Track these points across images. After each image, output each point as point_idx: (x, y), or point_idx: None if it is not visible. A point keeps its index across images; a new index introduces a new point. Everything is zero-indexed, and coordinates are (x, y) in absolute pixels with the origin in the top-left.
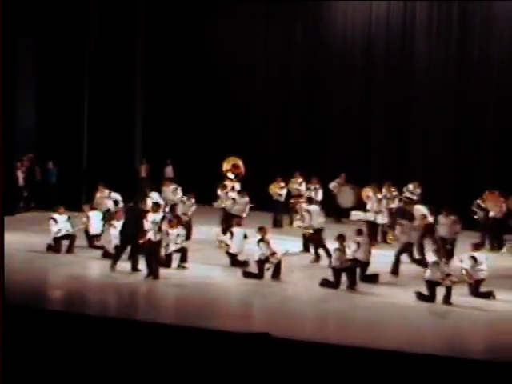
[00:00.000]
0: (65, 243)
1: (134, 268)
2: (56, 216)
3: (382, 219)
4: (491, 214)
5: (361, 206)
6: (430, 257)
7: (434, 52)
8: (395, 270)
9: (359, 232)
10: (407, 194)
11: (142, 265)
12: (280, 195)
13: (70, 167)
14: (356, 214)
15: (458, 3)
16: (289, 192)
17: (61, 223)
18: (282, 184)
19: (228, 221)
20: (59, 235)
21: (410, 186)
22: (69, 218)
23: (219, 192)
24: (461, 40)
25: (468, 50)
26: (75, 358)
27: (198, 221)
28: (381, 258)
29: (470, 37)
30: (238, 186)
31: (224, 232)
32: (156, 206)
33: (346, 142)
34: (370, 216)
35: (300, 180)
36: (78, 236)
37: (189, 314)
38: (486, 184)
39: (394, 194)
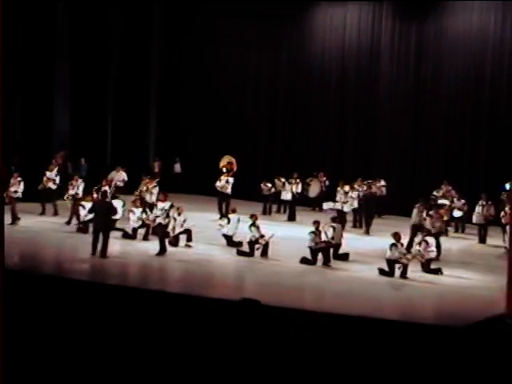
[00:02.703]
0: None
1: (94, 250)
2: (84, 203)
3: (348, 208)
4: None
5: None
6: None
7: (395, 72)
8: None
9: (334, 219)
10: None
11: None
12: (274, 188)
13: (97, 163)
14: (327, 204)
15: (414, 30)
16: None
17: (88, 209)
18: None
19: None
20: (86, 219)
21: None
22: None
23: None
24: (417, 62)
25: (423, 71)
26: (95, 322)
27: (198, 208)
28: (350, 241)
29: (425, 59)
30: (231, 180)
31: (222, 216)
32: (164, 195)
33: (322, 147)
34: (338, 205)
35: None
36: None
37: (192, 285)
38: (436, 180)
39: (364, 187)
